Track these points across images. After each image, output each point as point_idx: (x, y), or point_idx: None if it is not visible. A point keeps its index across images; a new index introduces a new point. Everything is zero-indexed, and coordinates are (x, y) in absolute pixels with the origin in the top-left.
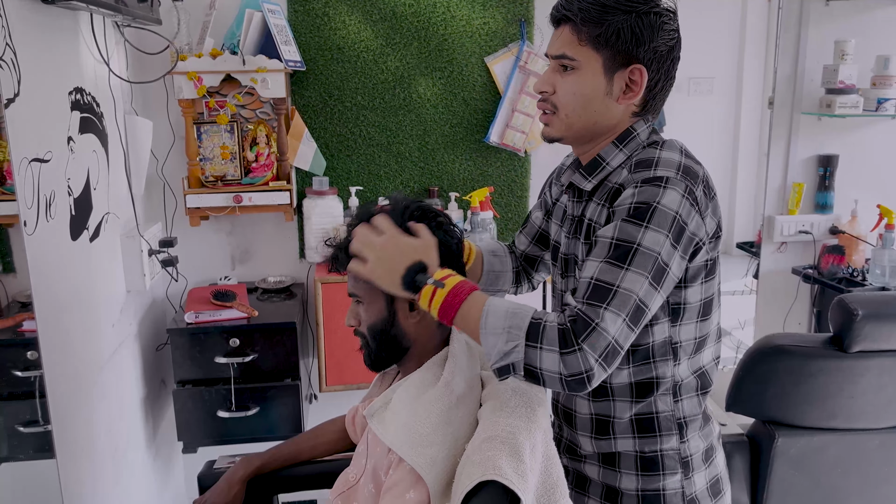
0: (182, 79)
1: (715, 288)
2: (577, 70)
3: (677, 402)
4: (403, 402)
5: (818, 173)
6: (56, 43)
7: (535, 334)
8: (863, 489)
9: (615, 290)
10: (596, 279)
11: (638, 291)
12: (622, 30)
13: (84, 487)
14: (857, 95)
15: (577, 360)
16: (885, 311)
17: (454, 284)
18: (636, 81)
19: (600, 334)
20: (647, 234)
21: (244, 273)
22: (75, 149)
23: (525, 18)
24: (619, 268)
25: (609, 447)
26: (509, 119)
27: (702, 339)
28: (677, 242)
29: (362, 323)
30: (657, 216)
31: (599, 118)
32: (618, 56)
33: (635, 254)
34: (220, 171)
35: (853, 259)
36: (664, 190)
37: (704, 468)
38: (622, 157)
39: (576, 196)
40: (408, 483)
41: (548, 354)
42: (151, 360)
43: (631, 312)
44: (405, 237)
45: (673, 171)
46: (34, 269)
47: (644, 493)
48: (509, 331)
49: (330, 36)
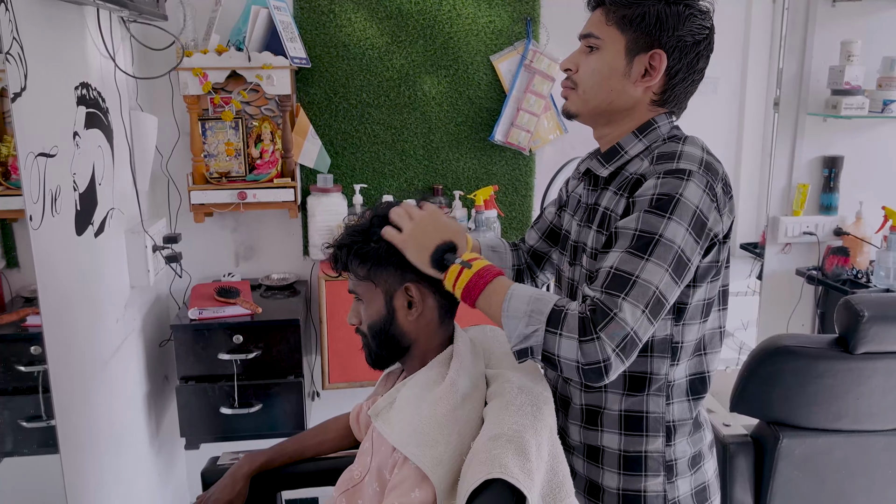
0: (187, 75)
1: (717, 290)
2: (601, 49)
3: (669, 404)
4: (408, 401)
5: (823, 174)
6: (62, 38)
7: (555, 321)
8: (868, 491)
9: (634, 280)
10: (616, 269)
11: (658, 283)
12: (648, 13)
13: (87, 483)
14: (862, 97)
15: (594, 349)
16: (891, 313)
17: (481, 267)
18: (655, 67)
19: (619, 324)
20: (668, 225)
21: (248, 270)
22: (81, 144)
23: (531, 17)
24: (640, 258)
25: (595, 439)
26: (514, 118)
27: (703, 343)
28: (698, 237)
29: (363, 321)
30: (679, 209)
31: (616, 98)
32: (641, 38)
33: (656, 245)
34: (224, 167)
35: (857, 261)
36: (686, 183)
37: (690, 474)
38: (641, 146)
39: (591, 184)
40: (413, 481)
41: (566, 342)
42: (155, 355)
43: (650, 304)
44: (445, 216)
45: (695, 165)
46: (39, 263)
47: (625, 492)
48: (531, 315)
49: (335, 33)
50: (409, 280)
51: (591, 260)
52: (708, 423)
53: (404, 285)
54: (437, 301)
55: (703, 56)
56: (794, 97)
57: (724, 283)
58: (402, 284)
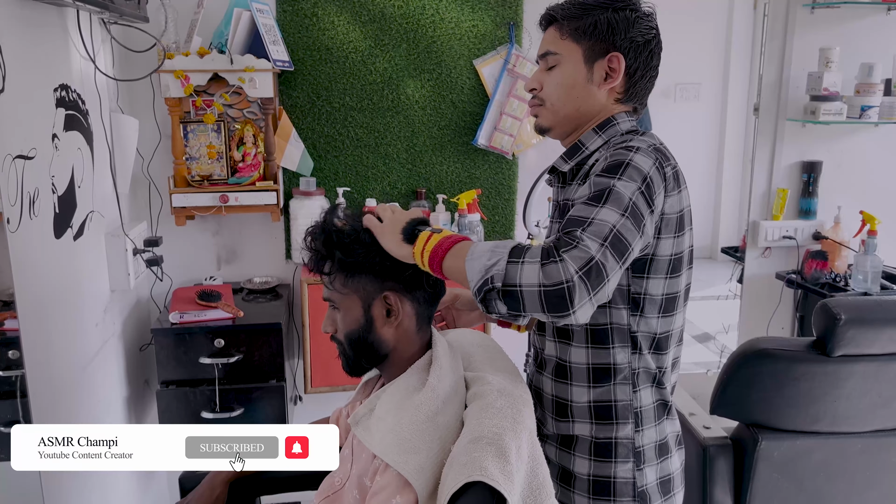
0: (169, 77)
1: (681, 287)
2: (561, 64)
3: (636, 392)
4: (388, 408)
5: (802, 179)
6: (42, 39)
7: (518, 252)
8: (846, 493)
9: (591, 220)
10: (571, 216)
11: (614, 223)
12: (599, 21)
13: (66, 487)
14: (841, 103)
15: (557, 270)
16: (867, 316)
17: (450, 234)
18: (615, 69)
19: (582, 249)
20: (619, 182)
21: (230, 273)
22: (60, 146)
23: (514, 22)
24: (593, 206)
25: (568, 430)
26: (497, 122)
27: (664, 337)
28: (649, 200)
29: (339, 330)
30: (629, 170)
31: (582, 104)
32: (597, 45)
33: (609, 194)
34: (206, 170)
35: (836, 264)
36: (636, 153)
37: (656, 463)
38: (600, 141)
39: (560, 182)
40: (394, 488)
41: (528, 267)
42: (135, 360)
43: (610, 239)
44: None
45: (645, 145)
46: (17, 267)
47: (595, 478)
48: (493, 250)
49: (319, 36)
50: (389, 288)
51: None
52: (674, 414)
53: (383, 294)
54: (415, 308)
55: (655, 53)
56: (774, 103)
57: (687, 282)
58: (382, 293)
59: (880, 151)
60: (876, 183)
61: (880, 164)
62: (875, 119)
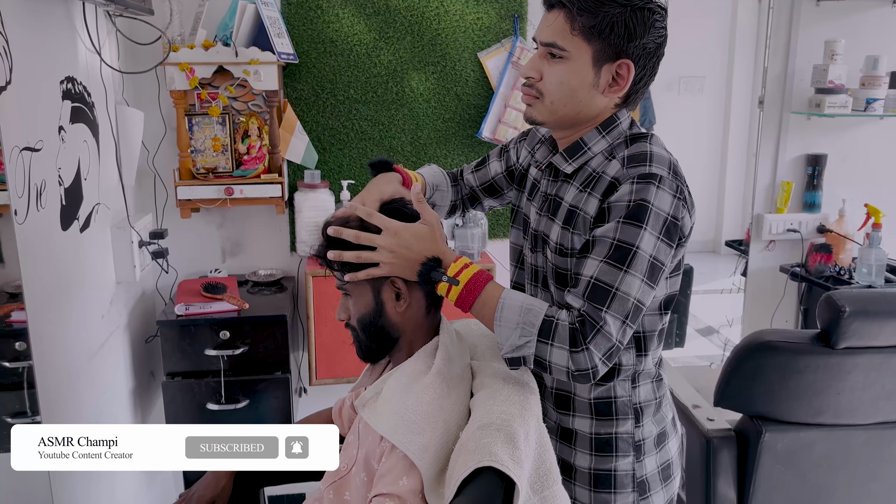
0: (174, 70)
1: (678, 285)
2: (566, 60)
3: (635, 388)
4: (394, 391)
5: (807, 172)
6: (48, 32)
7: (547, 331)
8: (849, 485)
9: (614, 292)
10: (596, 279)
11: (635, 294)
12: (617, 23)
13: (72, 479)
14: (846, 95)
15: (584, 359)
16: (871, 308)
17: (468, 280)
18: (623, 76)
19: (605, 337)
20: (643, 237)
21: (235, 266)
22: (66, 138)
23: (518, 14)
24: (619, 269)
25: (568, 423)
26: (502, 114)
27: (661, 331)
28: (670, 240)
29: (352, 316)
30: (652, 218)
31: (583, 108)
32: (608, 49)
33: (633, 257)
34: (211, 163)
35: (840, 258)
36: (658, 191)
37: (656, 452)
38: (604, 143)
39: (552, 175)
40: (401, 469)
41: (558, 351)
42: (141, 351)
43: (630, 313)
44: (407, 230)
45: (665, 169)
46: (24, 258)
47: (596, 471)
48: (523, 327)
49: (323, 29)
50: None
51: (558, 256)
52: (669, 401)
53: (391, 278)
54: (424, 292)
55: (662, 56)
56: (779, 96)
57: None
58: (389, 278)
59: (885, 144)
60: (881, 176)
61: (885, 157)
62: (880, 112)
